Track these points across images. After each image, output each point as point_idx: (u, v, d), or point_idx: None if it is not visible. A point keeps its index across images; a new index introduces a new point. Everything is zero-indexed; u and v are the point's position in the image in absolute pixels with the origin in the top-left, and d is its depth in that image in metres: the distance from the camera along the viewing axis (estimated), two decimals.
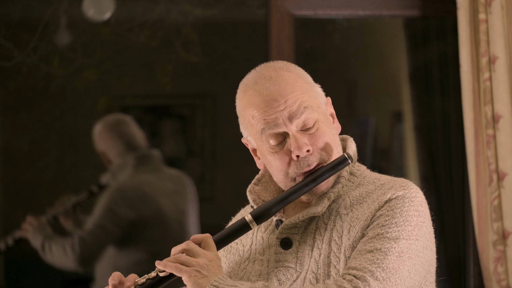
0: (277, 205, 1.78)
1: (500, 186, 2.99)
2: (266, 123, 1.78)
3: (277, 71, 1.83)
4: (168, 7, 3.93)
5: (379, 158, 4.12)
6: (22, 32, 3.90)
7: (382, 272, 1.65)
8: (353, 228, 1.75)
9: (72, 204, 3.53)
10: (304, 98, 1.80)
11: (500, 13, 2.98)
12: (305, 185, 1.77)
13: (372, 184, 1.82)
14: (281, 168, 1.79)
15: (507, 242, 2.99)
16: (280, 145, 1.79)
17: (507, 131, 2.98)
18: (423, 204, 1.78)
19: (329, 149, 1.81)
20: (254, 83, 1.82)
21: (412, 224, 1.72)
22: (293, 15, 3.29)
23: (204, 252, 1.72)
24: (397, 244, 1.69)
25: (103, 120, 3.59)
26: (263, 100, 1.78)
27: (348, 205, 1.79)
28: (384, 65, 4.15)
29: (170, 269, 1.70)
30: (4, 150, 4.46)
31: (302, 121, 1.78)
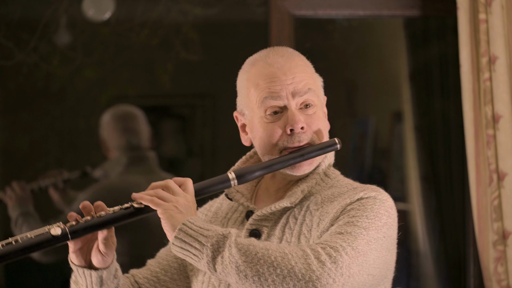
0: (261, 170, 1.81)
1: (500, 186, 2.99)
2: (270, 92, 1.82)
3: (289, 52, 1.89)
4: (168, 6, 3.93)
5: (379, 158, 4.12)
6: (22, 32, 3.90)
7: (351, 250, 1.67)
8: (322, 221, 1.78)
9: (63, 179, 3.53)
10: (310, 82, 1.87)
11: (500, 13, 2.98)
12: (292, 158, 1.81)
13: (344, 187, 1.86)
14: (271, 138, 1.83)
15: (507, 242, 2.99)
16: (276, 117, 1.83)
17: (507, 131, 2.98)
18: (393, 209, 1.82)
19: (320, 135, 1.87)
20: (266, 56, 1.87)
21: (382, 221, 1.76)
22: (293, 15, 3.29)
23: (183, 193, 1.73)
24: (366, 232, 1.71)
25: (114, 109, 3.59)
26: (272, 72, 1.83)
27: (319, 202, 1.83)
28: (384, 65, 4.14)
29: (146, 202, 1.72)
30: (4, 150, 4.45)
31: (303, 100, 1.84)
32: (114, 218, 1.72)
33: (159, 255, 1.98)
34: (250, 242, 1.66)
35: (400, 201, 3.98)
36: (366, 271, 1.69)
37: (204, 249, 1.64)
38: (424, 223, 3.78)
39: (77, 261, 1.78)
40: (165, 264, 1.94)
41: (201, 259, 1.65)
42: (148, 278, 1.92)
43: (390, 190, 4.11)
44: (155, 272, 1.93)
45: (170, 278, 1.93)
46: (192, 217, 1.69)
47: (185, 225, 1.67)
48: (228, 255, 1.63)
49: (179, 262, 1.94)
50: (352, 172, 4.13)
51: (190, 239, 1.65)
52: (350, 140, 4.10)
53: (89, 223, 1.71)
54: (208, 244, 1.64)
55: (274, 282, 1.62)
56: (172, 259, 1.94)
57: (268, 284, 1.62)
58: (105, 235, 1.74)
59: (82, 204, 1.74)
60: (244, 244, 1.65)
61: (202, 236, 1.65)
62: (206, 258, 1.64)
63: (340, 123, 4.16)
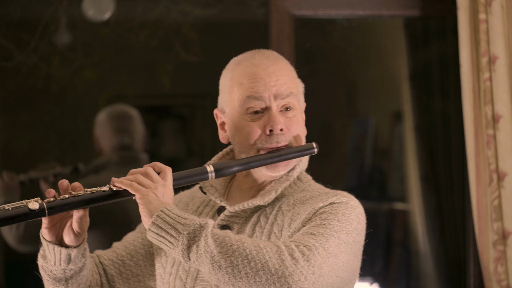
0: (239, 166, 1.84)
1: (500, 186, 2.99)
2: (253, 92, 1.86)
3: (275, 55, 1.93)
4: (167, 7, 3.93)
5: (379, 158, 4.12)
6: (22, 32, 3.90)
7: (323, 251, 1.70)
8: (293, 222, 1.81)
9: (54, 173, 3.53)
10: (292, 86, 1.89)
11: (500, 13, 2.98)
12: (270, 157, 1.85)
13: (316, 191, 1.90)
14: (250, 137, 1.86)
15: (507, 242, 2.99)
16: (256, 116, 1.86)
17: (507, 131, 2.98)
18: (363, 215, 1.85)
19: (298, 140, 1.89)
20: (251, 57, 1.91)
21: (353, 226, 1.79)
22: (293, 15, 3.29)
23: (162, 181, 1.75)
24: (337, 235, 1.75)
25: (110, 109, 3.59)
26: (257, 72, 1.87)
27: (291, 203, 1.86)
28: (384, 65, 4.14)
29: (125, 186, 1.74)
30: (4, 150, 4.45)
31: (284, 103, 1.87)
32: (91, 198, 1.74)
33: (126, 239, 2.00)
34: (226, 233, 1.68)
35: (400, 201, 3.98)
36: (335, 272, 1.72)
37: (180, 237, 1.66)
38: (424, 223, 3.78)
39: (48, 237, 1.80)
40: (132, 249, 1.96)
41: (176, 246, 1.67)
42: (113, 261, 1.94)
43: (390, 190, 4.10)
44: (121, 256, 1.95)
45: (135, 264, 1.95)
46: (170, 205, 1.71)
47: (163, 212, 1.69)
48: (204, 244, 1.65)
49: (146, 249, 1.96)
50: (352, 172, 4.13)
51: (167, 226, 1.67)
52: (350, 140, 4.10)
53: (67, 201, 1.72)
54: (185, 233, 1.66)
55: (247, 274, 1.65)
56: (139, 245, 1.97)
57: (241, 276, 1.65)
58: (80, 215, 1.76)
59: (60, 182, 1.75)
60: (220, 235, 1.67)
61: (179, 224, 1.67)
62: (181, 246, 1.66)
63: (340, 123, 4.17)
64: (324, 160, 4.14)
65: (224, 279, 1.66)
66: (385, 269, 3.98)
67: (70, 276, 1.83)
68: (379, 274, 3.93)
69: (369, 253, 4.10)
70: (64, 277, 1.83)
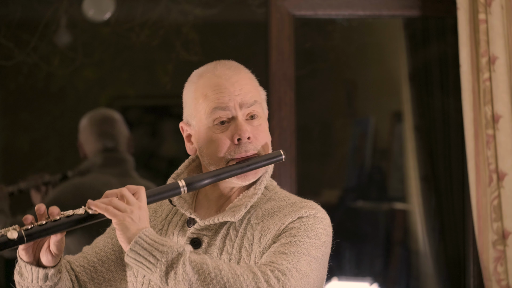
0: (210, 179, 1.87)
1: (500, 186, 2.99)
2: (219, 103, 1.88)
3: (236, 65, 1.96)
4: (168, 6, 3.93)
5: (379, 158, 4.12)
6: (23, 32, 3.91)
7: (296, 272, 1.75)
8: (263, 237, 1.84)
9: (43, 182, 3.53)
10: (256, 94, 1.92)
11: (500, 13, 2.98)
12: (239, 168, 1.87)
13: (282, 201, 1.92)
14: (219, 149, 1.88)
15: (507, 242, 2.99)
16: (223, 127, 1.88)
17: (507, 131, 2.98)
18: (330, 227, 1.90)
19: (266, 148, 1.93)
20: (213, 68, 1.94)
21: (321, 240, 1.84)
22: (293, 15, 3.29)
23: (137, 202, 1.78)
24: (308, 252, 1.79)
25: (92, 114, 3.59)
26: (221, 83, 1.90)
27: (260, 215, 1.89)
28: (384, 65, 4.14)
29: (101, 210, 1.76)
30: (4, 150, 4.46)
31: (250, 111, 1.90)
32: (68, 222, 1.78)
33: (96, 245, 2.03)
34: (203, 260, 1.72)
35: (400, 201, 3.98)
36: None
37: (158, 263, 1.70)
38: (424, 223, 3.78)
39: (26, 258, 1.85)
40: (103, 255, 1.99)
41: (154, 272, 1.71)
42: (85, 267, 1.97)
43: (390, 190, 4.10)
44: (92, 262, 1.98)
45: (107, 269, 1.99)
46: (147, 229, 1.74)
47: (141, 238, 1.72)
48: (182, 272, 1.69)
49: (117, 255, 2.00)
50: (352, 172, 4.13)
51: (145, 253, 1.71)
52: (350, 140, 4.10)
53: (45, 227, 1.77)
54: (163, 260, 1.70)
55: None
56: (110, 251, 2.00)
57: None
58: (57, 238, 1.80)
59: (37, 207, 1.80)
60: (197, 262, 1.71)
61: (157, 251, 1.71)
62: (159, 272, 1.70)
63: (340, 123, 4.17)
64: (324, 160, 4.15)
65: None
66: (385, 269, 3.98)
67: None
68: (379, 274, 3.94)
69: (369, 253, 4.10)
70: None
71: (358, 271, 3.90)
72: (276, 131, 3.28)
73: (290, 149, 3.28)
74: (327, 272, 1.94)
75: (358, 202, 4.06)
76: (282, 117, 3.28)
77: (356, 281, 3.87)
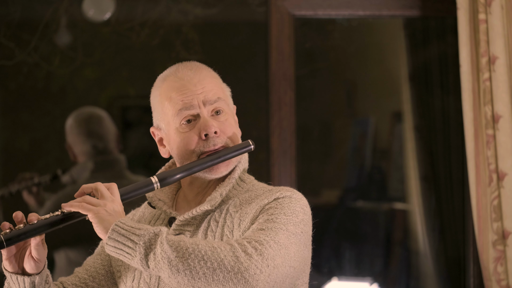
0: (182, 173, 1.91)
1: (500, 186, 2.99)
2: (183, 103, 1.93)
3: (197, 65, 2.03)
4: (168, 6, 3.93)
5: (379, 158, 4.12)
6: (23, 32, 3.91)
7: (274, 244, 1.77)
8: (242, 222, 1.88)
9: (33, 183, 3.53)
10: (219, 91, 1.97)
11: (500, 13, 2.98)
12: (210, 160, 1.92)
13: (260, 190, 1.97)
14: (188, 145, 1.93)
15: (507, 242, 2.99)
16: (190, 125, 1.94)
17: (507, 131, 2.98)
18: (308, 207, 1.93)
19: (234, 139, 1.97)
20: (175, 71, 1.99)
21: (299, 218, 1.86)
22: (293, 15, 3.29)
23: (111, 196, 1.82)
24: (286, 227, 1.82)
25: (77, 113, 3.56)
26: (183, 84, 1.95)
27: (238, 204, 1.93)
28: (384, 65, 4.14)
29: (75, 208, 1.80)
30: (4, 150, 4.46)
31: (214, 107, 1.95)
32: (45, 224, 1.80)
33: (86, 263, 2.08)
34: (180, 238, 1.75)
35: (400, 201, 3.98)
36: (288, 263, 1.79)
37: (136, 247, 1.73)
38: (424, 223, 3.78)
39: (10, 268, 1.87)
40: (93, 271, 2.04)
41: (134, 256, 1.73)
42: (77, 285, 2.01)
43: (390, 190, 4.10)
44: (83, 279, 2.02)
45: (98, 284, 2.03)
46: (121, 219, 1.77)
47: (117, 225, 1.75)
48: (160, 251, 1.71)
49: (106, 269, 2.04)
50: (352, 172, 4.13)
51: (123, 239, 1.74)
52: (350, 140, 4.10)
53: (23, 230, 1.79)
54: (141, 242, 1.73)
55: (205, 274, 1.71)
56: (99, 266, 2.05)
57: (199, 276, 1.71)
58: (37, 241, 1.83)
59: (15, 214, 1.82)
60: (174, 240, 1.74)
61: (134, 235, 1.74)
62: (139, 256, 1.73)
63: (340, 123, 4.16)
64: (324, 160, 4.15)
65: (184, 281, 1.72)
66: (385, 269, 3.98)
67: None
68: (379, 274, 3.94)
69: (369, 253, 4.11)
70: None
71: (358, 271, 3.90)
72: (276, 131, 3.28)
73: (290, 149, 3.28)
74: (327, 272, 1.94)
75: (358, 202, 4.06)
76: (282, 117, 3.28)
77: (356, 281, 3.87)
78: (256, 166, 2.03)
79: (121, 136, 3.64)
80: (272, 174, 3.32)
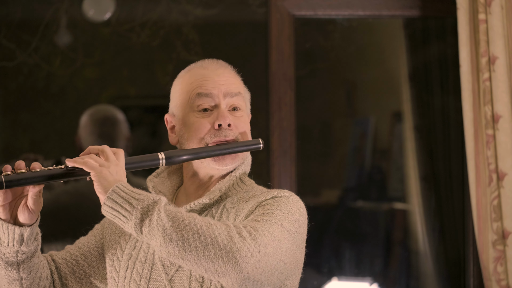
0: (189, 155, 1.92)
1: (500, 186, 2.99)
2: (203, 89, 1.94)
3: (223, 62, 2.03)
4: (168, 7, 3.94)
5: (379, 158, 4.12)
6: (23, 33, 3.91)
7: (268, 234, 1.78)
8: (238, 216, 1.89)
9: None
10: (241, 87, 1.99)
11: (500, 13, 2.99)
12: (218, 149, 1.92)
13: (259, 191, 1.98)
14: (199, 131, 1.94)
15: (506, 242, 2.99)
16: (205, 114, 1.94)
17: (507, 131, 2.98)
18: (305, 210, 1.93)
19: (245, 136, 1.98)
20: (201, 62, 2.02)
21: (295, 217, 1.86)
22: (293, 15, 3.29)
23: (116, 160, 1.82)
24: (280, 222, 1.83)
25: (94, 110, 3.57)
26: (207, 73, 1.97)
27: (235, 201, 1.94)
28: (384, 65, 4.15)
29: (79, 164, 1.79)
30: (5, 150, 4.46)
31: (233, 102, 1.96)
32: (47, 174, 1.79)
33: (79, 242, 2.07)
34: (178, 210, 1.75)
35: (400, 201, 3.98)
36: (278, 256, 1.79)
37: (134, 211, 1.72)
38: (423, 223, 3.78)
39: (3, 215, 1.86)
40: (86, 250, 2.04)
41: (129, 220, 1.73)
42: (67, 260, 2.01)
43: (389, 190, 4.11)
44: (75, 256, 2.02)
45: (89, 264, 2.03)
46: (124, 181, 1.78)
47: (118, 187, 1.75)
48: (157, 218, 1.71)
49: (99, 252, 2.04)
50: (352, 172, 4.13)
51: (122, 201, 1.73)
52: (350, 140, 4.11)
53: (24, 175, 1.78)
54: (139, 207, 1.72)
55: (196, 248, 1.71)
56: (93, 247, 2.05)
57: (191, 249, 1.71)
58: (36, 190, 1.83)
59: (17, 162, 1.82)
60: (172, 210, 1.74)
61: (133, 199, 1.74)
62: (134, 220, 1.72)
63: (340, 123, 4.17)
64: (324, 160, 4.15)
65: (174, 252, 1.71)
66: (385, 269, 3.98)
67: (22, 260, 1.89)
68: (379, 274, 3.94)
69: (369, 253, 4.11)
70: (16, 261, 1.89)
71: (358, 271, 3.90)
72: (276, 131, 3.28)
73: (290, 149, 3.29)
74: (327, 272, 1.95)
75: (358, 202, 4.06)
76: (282, 117, 3.28)
77: (356, 281, 3.87)
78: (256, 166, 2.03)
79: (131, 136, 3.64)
80: (272, 174, 3.32)
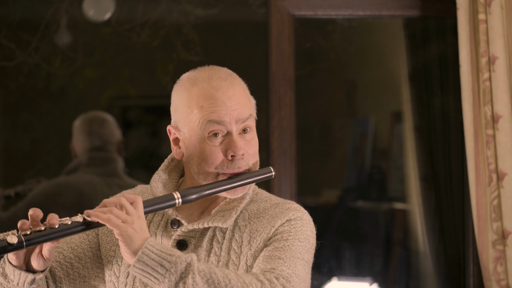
0: (204, 192, 1.88)
1: (499, 186, 3.00)
2: (215, 116, 1.88)
3: (230, 74, 1.95)
4: (169, 7, 3.94)
5: (379, 158, 4.12)
6: (23, 33, 3.91)
7: (296, 278, 1.79)
8: (253, 239, 1.88)
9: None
10: (250, 106, 1.94)
11: (499, 13, 2.99)
12: (232, 183, 1.90)
13: (265, 202, 1.96)
14: (212, 161, 1.89)
15: (506, 242, 2.99)
16: (216, 140, 1.90)
17: (507, 131, 2.99)
18: (314, 228, 1.95)
19: (256, 164, 1.95)
20: (209, 78, 1.92)
21: (310, 243, 1.90)
22: (293, 15, 3.29)
23: (136, 212, 1.78)
24: (302, 256, 1.85)
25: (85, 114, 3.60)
26: (217, 96, 1.89)
27: (247, 217, 1.92)
28: (384, 65, 4.15)
29: (103, 220, 1.75)
30: (5, 150, 4.46)
31: (244, 126, 1.91)
32: (66, 229, 1.77)
33: (72, 242, 2.03)
34: (211, 269, 1.73)
35: (400, 201, 3.98)
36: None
37: (167, 274, 1.70)
38: (423, 223, 3.78)
39: (16, 262, 1.84)
40: (80, 252, 2.00)
41: (161, 282, 1.71)
42: (61, 263, 1.98)
43: (389, 190, 4.10)
44: (69, 258, 1.99)
45: (83, 266, 2.00)
46: (151, 239, 1.75)
47: (147, 248, 1.72)
48: (192, 282, 1.70)
49: (93, 252, 2.01)
50: (352, 172, 4.13)
51: (153, 263, 1.71)
52: (350, 140, 4.11)
53: (44, 233, 1.76)
54: (172, 270, 1.70)
55: None
56: (86, 247, 2.01)
57: None
58: (53, 244, 1.81)
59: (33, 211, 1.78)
60: (206, 272, 1.72)
61: (165, 261, 1.71)
62: (168, 283, 1.71)
63: (340, 123, 4.17)
64: (324, 160, 4.15)
65: None
66: (385, 268, 3.98)
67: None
68: (379, 274, 3.94)
69: (369, 253, 4.11)
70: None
71: (358, 271, 3.91)
72: (276, 131, 3.28)
73: (290, 149, 3.29)
74: (327, 272, 1.98)
75: (358, 202, 4.06)
76: (282, 117, 3.28)
77: (356, 281, 3.88)
78: None
79: (123, 139, 3.64)
80: None
